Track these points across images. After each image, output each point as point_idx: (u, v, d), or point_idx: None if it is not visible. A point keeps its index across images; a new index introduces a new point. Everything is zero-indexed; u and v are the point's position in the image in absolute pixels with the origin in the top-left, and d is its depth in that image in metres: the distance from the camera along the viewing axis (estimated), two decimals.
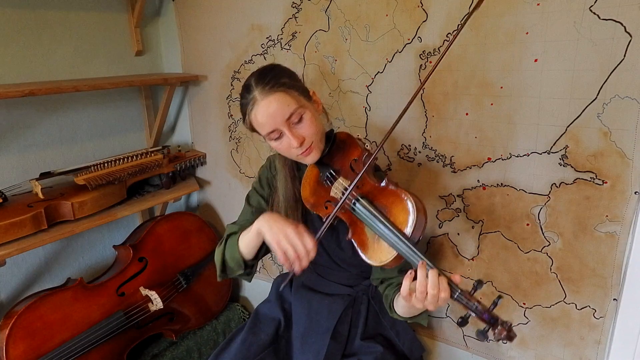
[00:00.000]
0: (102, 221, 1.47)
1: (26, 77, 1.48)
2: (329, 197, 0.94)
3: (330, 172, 0.95)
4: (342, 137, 0.99)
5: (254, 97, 0.89)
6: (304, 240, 0.84)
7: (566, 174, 1.05)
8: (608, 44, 0.93)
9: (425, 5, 1.14)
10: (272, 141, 0.94)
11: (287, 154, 0.96)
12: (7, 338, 1.21)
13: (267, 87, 0.88)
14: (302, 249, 0.84)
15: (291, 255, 0.84)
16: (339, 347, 1.09)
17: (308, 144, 0.92)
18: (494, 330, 0.74)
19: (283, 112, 0.88)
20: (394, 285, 1.01)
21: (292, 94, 0.90)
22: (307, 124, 0.91)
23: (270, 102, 0.88)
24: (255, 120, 0.91)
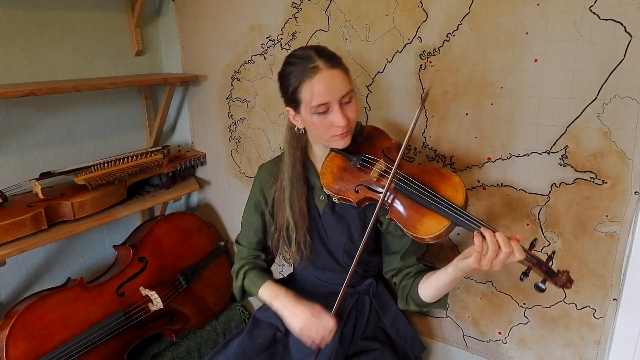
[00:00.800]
0: (102, 221, 1.47)
1: (26, 77, 1.48)
2: (364, 180, 0.97)
3: (365, 156, 0.99)
4: (370, 130, 1.06)
5: (316, 65, 0.91)
6: (325, 320, 0.97)
7: (566, 174, 1.05)
8: (608, 44, 0.93)
9: (425, 5, 1.14)
10: (315, 115, 0.94)
11: (323, 133, 0.97)
12: (7, 338, 1.21)
13: (331, 61, 0.92)
14: (325, 330, 0.96)
15: (315, 337, 0.97)
16: (344, 349, 1.09)
17: (349, 127, 0.96)
18: (555, 280, 0.81)
19: (342, 88, 0.92)
20: (413, 274, 1.04)
21: (349, 77, 0.96)
22: (353, 107, 0.96)
23: (334, 74, 0.92)
24: (313, 88, 0.91)
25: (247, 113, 1.63)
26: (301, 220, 1.07)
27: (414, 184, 0.91)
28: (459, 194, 0.89)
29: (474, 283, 1.26)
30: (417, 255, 1.08)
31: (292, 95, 0.96)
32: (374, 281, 1.17)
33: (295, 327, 0.99)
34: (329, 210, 1.09)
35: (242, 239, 1.22)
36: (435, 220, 0.88)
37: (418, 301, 1.01)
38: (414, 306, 1.03)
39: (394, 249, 1.08)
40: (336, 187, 1.00)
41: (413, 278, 1.03)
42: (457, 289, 1.29)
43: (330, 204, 1.08)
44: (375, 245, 1.12)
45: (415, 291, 1.01)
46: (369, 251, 1.12)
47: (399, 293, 1.07)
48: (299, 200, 1.06)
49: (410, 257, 1.07)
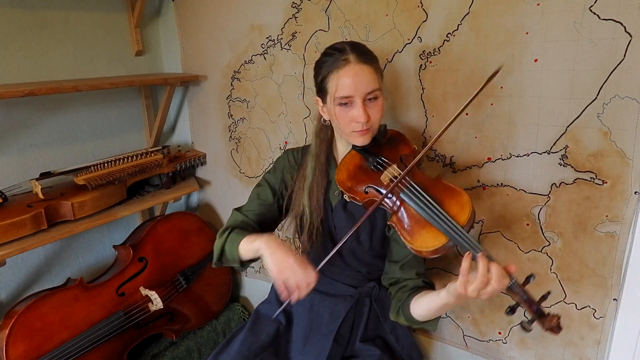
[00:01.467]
0: (102, 221, 1.47)
1: (26, 77, 1.48)
2: (374, 182, 0.97)
3: (381, 158, 0.99)
4: (394, 134, 1.07)
5: (347, 58, 0.93)
6: (307, 271, 0.88)
7: (566, 174, 1.05)
8: (608, 44, 0.93)
9: (425, 5, 1.14)
10: (338, 106, 0.95)
11: (344, 126, 0.98)
12: (7, 338, 1.21)
13: (363, 56, 0.94)
14: (304, 280, 0.87)
15: (291, 285, 0.87)
16: (340, 349, 1.09)
17: (370, 125, 0.96)
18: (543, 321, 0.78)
19: (368, 84, 0.93)
20: (409, 288, 1.01)
21: (379, 75, 0.97)
22: (377, 107, 0.96)
23: (363, 69, 0.93)
24: (339, 79, 0.93)
25: (247, 113, 1.63)
26: (317, 210, 1.07)
27: (420, 195, 0.89)
28: (464, 212, 0.86)
29: None
30: (418, 270, 1.04)
31: (321, 84, 0.98)
32: (377, 285, 1.15)
33: (273, 267, 0.89)
34: (341, 206, 1.09)
35: (244, 207, 1.13)
36: (433, 235, 0.86)
37: (408, 317, 0.98)
38: (404, 320, 1.00)
39: (395, 258, 1.06)
40: (348, 185, 1.00)
41: (409, 292, 1.00)
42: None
43: (342, 201, 1.08)
44: (381, 250, 1.11)
45: (407, 306, 0.98)
46: (373, 254, 1.11)
47: (392, 303, 1.04)
48: (318, 190, 1.07)
49: (410, 270, 1.03)
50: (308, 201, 1.07)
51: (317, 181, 1.07)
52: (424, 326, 0.99)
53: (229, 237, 1.03)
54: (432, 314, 0.94)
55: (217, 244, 1.05)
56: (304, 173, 1.09)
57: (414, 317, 0.97)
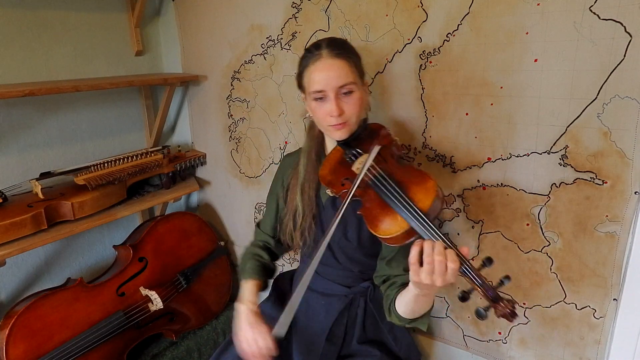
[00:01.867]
0: (102, 221, 1.47)
1: (26, 77, 1.48)
2: (349, 173, 0.98)
3: (357, 150, 1.00)
4: (374, 127, 1.06)
5: (320, 53, 0.95)
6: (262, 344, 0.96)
7: (566, 174, 1.05)
8: (608, 44, 0.93)
9: (425, 5, 1.14)
10: (313, 101, 0.97)
11: (320, 120, 0.99)
12: (7, 338, 1.21)
13: (335, 51, 0.95)
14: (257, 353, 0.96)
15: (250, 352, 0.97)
16: (334, 348, 1.09)
17: (344, 119, 0.96)
18: (497, 308, 0.74)
19: (339, 78, 0.93)
20: (397, 285, 0.99)
21: (353, 69, 0.96)
22: (353, 101, 0.96)
23: (332, 64, 0.94)
24: (311, 75, 0.95)
25: (247, 113, 1.63)
26: (309, 207, 1.08)
27: (386, 182, 0.89)
28: (427, 198, 0.83)
29: None
30: (405, 265, 0.99)
31: (298, 80, 1.01)
32: (371, 285, 1.15)
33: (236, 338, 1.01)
34: (330, 203, 1.10)
35: (261, 223, 1.26)
36: (395, 221, 0.84)
37: (397, 315, 0.96)
38: (396, 319, 0.98)
39: (383, 254, 1.05)
40: (328, 179, 1.01)
41: (397, 289, 0.97)
42: (457, 289, 1.29)
43: (331, 198, 1.09)
44: (371, 247, 1.11)
45: (394, 303, 0.97)
46: (364, 252, 1.11)
47: (384, 302, 1.02)
48: (309, 187, 1.08)
49: (397, 266, 1.01)
50: (300, 198, 1.08)
51: (309, 178, 1.08)
52: (413, 325, 0.97)
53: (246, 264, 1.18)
54: (411, 308, 0.92)
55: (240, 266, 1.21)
56: (297, 171, 1.11)
57: (400, 314, 0.95)
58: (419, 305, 0.91)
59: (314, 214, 1.09)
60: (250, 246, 1.23)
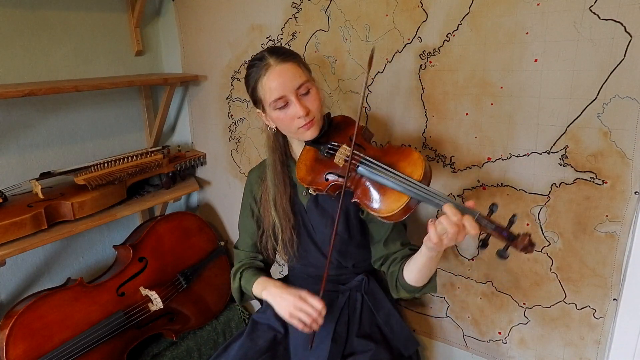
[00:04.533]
0: (102, 221, 1.47)
1: (26, 77, 1.48)
2: (330, 167, 0.99)
3: (331, 143, 1.01)
4: (339, 119, 1.08)
5: (267, 63, 0.95)
6: (312, 304, 0.95)
7: (566, 174, 1.05)
8: (608, 44, 0.93)
9: (425, 5, 1.14)
10: (276, 110, 0.97)
11: (287, 127, 1.00)
12: (7, 338, 1.21)
13: (281, 57, 0.96)
14: (314, 312, 0.95)
15: (306, 320, 0.95)
16: (339, 348, 1.09)
17: (311, 117, 0.97)
18: (515, 244, 0.78)
19: (294, 80, 0.95)
20: (399, 260, 1.03)
21: (302, 68, 0.98)
22: (313, 97, 0.98)
23: (284, 69, 0.95)
24: (265, 86, 0.96)
25: (247, 113, 1.63)
26: (285, 219, 1.09)
27: (374, 164, 0.92)
28: (417, 169, 0.89)
29: (474, 283, 1.26)
30: (401, 240, 1.07)
31: (253, 96, 1.01)
32: (365, 277, 1.16)
33: (284, 313, 0.99)
34: (313, 204, 1.10)
35: (239, 243, 1.25)
36: (395, 197, 0.89)
37: (406, 286, 1.00)
38: (404, 292, 1.02)
39: (377, 237, 1.08)
40: (309, 179, 1.01)
41: (399, 264, 1.02)
42: (457, 289, 1.29)
43: (312, 198, 1.10)
44: (362, 239, 1.12)
45: (402, 276, 1.00)
46: (355, 244, 1.12)
47: (389, 281, 1.06)
48: (282, 200, 1.09)
49: (394, 243, 1.06)
50: (275, 212, 1.10)
51: (280, 191, 1.09)
52: (424, 291, 1.01)
53: (242, 280, 1.16)
54: (423, 273, 0.96)
55: (234, 289, 1.18)
56: (266, 185, 1.12)
57: (410, 283, 0.99)
58: (430, 267, 0.95)
59: (292, 225, 1.10)
60: (235, 269, 1.20)
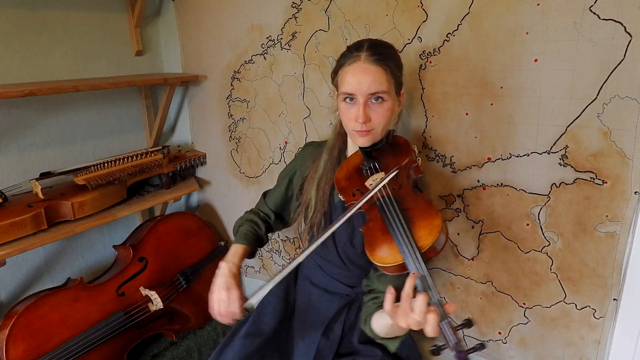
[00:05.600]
0: (102, 221, 1.47)
1: (26, 77, 1.48)
2: (362, 186, 0.95)
3: (375, 164, 0.97)
4: (400, 141, 1.02)
5: (359, 55, 0.91)
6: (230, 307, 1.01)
7: (566, 174, 1.05)
8: (608, 44, 0.93)
9: (425, 5, 1.14)
10: (342, 102, 0.95)
11: (345, 122, 0.98)
12: (7, 338, 1.21)
13: (375, 56, 0.91)
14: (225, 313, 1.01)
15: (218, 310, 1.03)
16: (330, 345, 1.09)
17: (369, 127, 0.93)
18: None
19: (372, 85, 0.90)
20: (379, 301, 0.97)
21: (389, 78, 0.92)
22: (382, 110, 0.93)
23: (370, 69, 0.90)
24: (345, 76, 0.93)
25: (247, 113, 1.63)
26: (321, 203, 1.06)
27: (393, 208, 0.86)
28: (430, 237, 0.80)
29: (474, 283, 1.26)
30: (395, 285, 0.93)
31: (333, 75, 0.99)
32: None
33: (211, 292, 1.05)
34: (341, 205, 1.08)
35: (268, 195, 1.24)
36: (391, 251, 0.82)
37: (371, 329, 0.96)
38: (369, 332, 0.97)
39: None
40: (342, 184, 0.99)
41: (377, 305, 0.96)
42: (457, 289, 1.29)
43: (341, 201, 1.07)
44: None
45: (370, 318, 0.96)
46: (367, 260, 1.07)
47: (362, 311, 1.01)
48: (325, 184, 1.06)
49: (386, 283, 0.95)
50: (315, 193, 1.07)
51: (326, 174, 1.06)
52: (384, 342, 0.97)
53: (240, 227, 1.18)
54: (386, 332, 0.91)
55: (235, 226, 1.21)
56: (317, 164, 1.09)
57: (375, 331, 0.95)
58: (393, 331, 0.91)
59: (324, 210, 1.07)
60: (250, 212, 1.21)
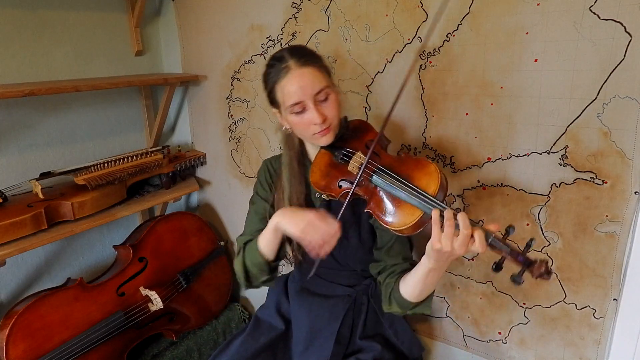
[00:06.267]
0: (102, 221, 1.47)
1: (26, 77, 1.48)
2: (344, 174, 0.96)
3: (346, 151, 0.97)
4: (356, 123, 1.04)
5: (287, 66, 0.91)
6: (328, 223, 0.87)
7: (566, 174, 1.05)
8: (608, 44, 0.93)
9: (425, 5, 1.14)
10: (292, 115, 0.94)
11: (303, 132, 0.97)
12: (7, 338, 1.21)
13: (302, 60, 0.92)
14: (327, 233, 0.86)
15: (317, 240, 0.87)
16: (341, 349, 1.09)
17: (328, 124, 0.94)
18: (532, 270, 0.75)
19: (314, 86, 0.91)
20: (397, 272, 0.99)
21: (323, 73, 0.94)
22: (331, 104, 0.94)
23: (303, 73, 0.91)
24: (284, 90, 0.92)
25: (247, 113, 1.63)
26: None
27: (388, 175, 0.88)
28: (432, 181, 0.85)
29: (474, 283, 1.26)
30: (403, 254, 1.03)
31: (270, 96, 0.98)
32: (372, 282, 1.16)
33: (294, 229, 0.89)
34: (325, 207, 1.07)
35: (245, 230, 1.12)
36: (408, 211, 0.85)
37: (399, 300, 0.95)
38: (396, 307, 0.97)
39: (380, 244, 1.05)
40: (322, 184, 0.99)
41: (396, 276, 0.98)
42: (457, 289, 1.29)
43: (325, 202, 1.07)
44: (372, 244, 1.10)
45: (397, 289, 0.95)
46: (364, 250, 1.10)
47: (382, 292, 1.01)
48: (298, 199, 1.05)
49: (396, 254, 1.02)
50: None
51: (296, 190, 1.05)
52: (417, 310, 0.96)
53: (245, 252, 1.03)
54: (420, 287, 0.91)
55: (237, 266, 1.05)
56: (281, 184, 1.07)
57: (405, 297, 0.94)
58: (427, 283, 0.90)
59: None
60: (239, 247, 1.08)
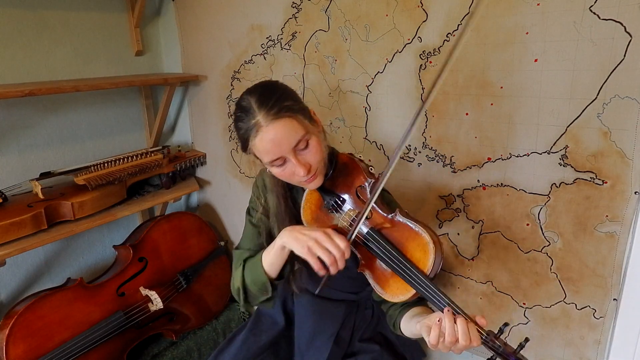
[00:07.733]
0: (102, 221, 1.47)
1: (26, 77, 1.48)
2: (333, 225, 0.90)
3: (335, 200, 0.90)
4: (345, 160, 0.94)
5: (257, 122, 0.81)
6: (336, 241, 0.82)
7: (566, 174, 1.05)
8: (608, 44, 0.93)
9: (425, 5, 1.14)
10: (274, 168, 0.86)
11: (289, 180, 0.90)
12: (7, 338, 1.21)
13: (272, 112, 0.80)
14: (337, 251, 0.81)
15: (327, 260, 0.81)
16: (339, 351, 1.09)
17: (314, 171, 0.86)
18: None
19: (290, 139, 0.81)
20: (399, 306, 0.97)
21: (299, 119, 0.83)
22: (313, 150, 0.85)
23: (276, 129, 0.80)
24: (259, 147, 0.83)
25: None
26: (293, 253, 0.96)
27: (380, 242, 0.82)
28: (426, 257, 0.77)
29: (474, 283, 1.26)
30: None
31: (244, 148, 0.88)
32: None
33: (301, 247, 0.83)
34: None
35: (243, 243, 1.07)
36: (402, 285, 0.80)
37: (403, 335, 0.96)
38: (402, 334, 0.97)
39: None
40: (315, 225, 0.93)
41: (399, 309, 0.96)
42: (457, 289, 1.29)
43: None
44: None
45: (399, 324, 0.95)
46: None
47: (387, 319, 1.01)
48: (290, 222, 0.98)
49: None
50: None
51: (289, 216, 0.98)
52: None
53: (245, 268, 0.97)
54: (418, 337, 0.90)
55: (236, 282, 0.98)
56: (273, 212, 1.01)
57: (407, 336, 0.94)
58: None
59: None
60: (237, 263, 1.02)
